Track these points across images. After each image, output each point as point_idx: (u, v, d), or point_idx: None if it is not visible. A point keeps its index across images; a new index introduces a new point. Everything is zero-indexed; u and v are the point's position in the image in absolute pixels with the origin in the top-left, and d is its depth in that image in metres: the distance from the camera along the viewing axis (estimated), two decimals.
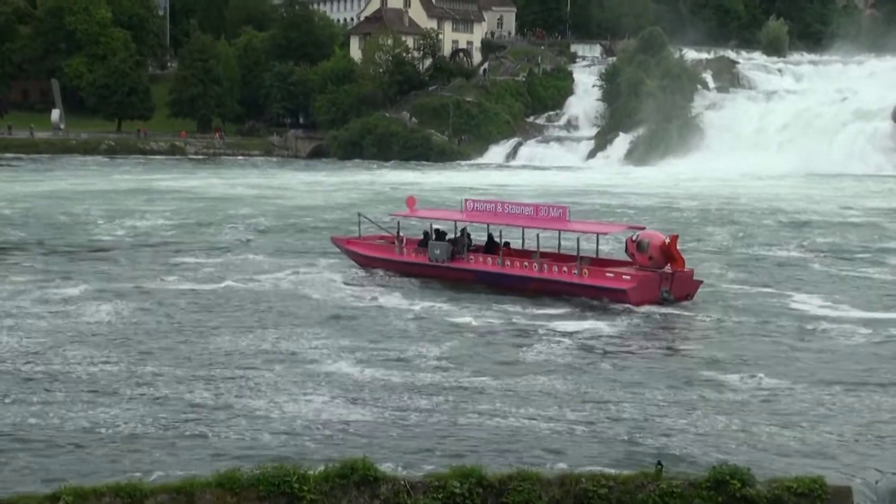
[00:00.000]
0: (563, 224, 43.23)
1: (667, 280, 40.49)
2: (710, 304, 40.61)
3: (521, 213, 44.60)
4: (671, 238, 41.04)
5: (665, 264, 40.77)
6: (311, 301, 39.71)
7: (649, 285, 40.29)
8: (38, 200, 77.13)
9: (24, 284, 41.92)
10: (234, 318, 36.36)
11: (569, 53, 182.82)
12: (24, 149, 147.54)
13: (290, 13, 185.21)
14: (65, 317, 35.86)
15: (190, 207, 74.45)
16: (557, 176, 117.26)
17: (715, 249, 56.07)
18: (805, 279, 46.66)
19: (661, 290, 40.29)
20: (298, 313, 37.29)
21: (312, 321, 35.84)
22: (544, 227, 43.73)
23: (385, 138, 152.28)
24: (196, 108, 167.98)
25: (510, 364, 30.52)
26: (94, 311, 36.66)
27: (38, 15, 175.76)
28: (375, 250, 47.18)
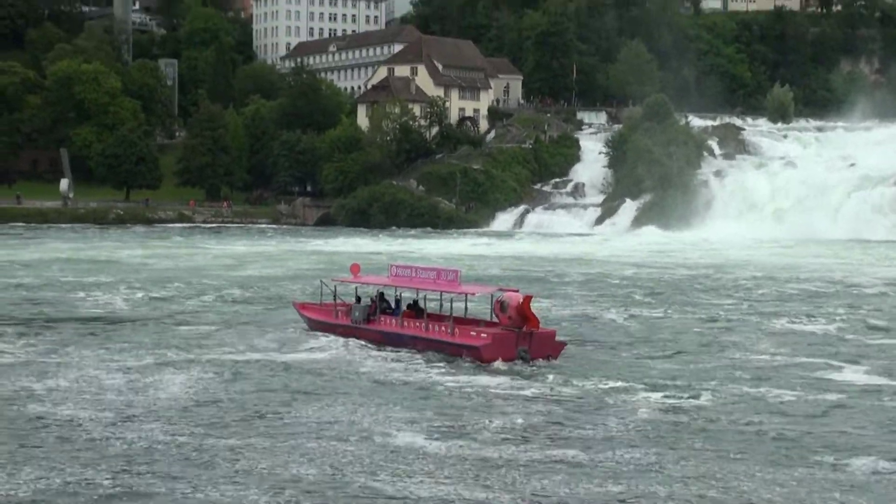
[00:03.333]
0: (454, 286, 45.03)
1: (525, 339, 41.42)
2: (571, 366, 41.23)
3: (426, 278, 46.76)
4: (525, 299, 41.81)
5: (523, 324, 41.55)
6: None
7: (505, 344, 41.31)
8: (45, 269, 77.25)
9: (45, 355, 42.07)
10: (286, 391, 36.48)
11: (575, 121, 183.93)
12: (33, 218, 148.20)
13: (298, 82, 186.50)
14: (138, 389, 35.73)
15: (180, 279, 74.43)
16: (549, 245, 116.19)
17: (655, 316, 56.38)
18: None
19: (517, 348, 41.26)
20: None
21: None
22: (440, 289, 45.59)
23: (392, 206, 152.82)
24: (204, 176, 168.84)
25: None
26: (158, 382, 36.62)
27: (47, 85, 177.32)
28: (319, 314, 49.83)
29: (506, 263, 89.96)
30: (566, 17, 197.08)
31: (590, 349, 45.72)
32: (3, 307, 56.56)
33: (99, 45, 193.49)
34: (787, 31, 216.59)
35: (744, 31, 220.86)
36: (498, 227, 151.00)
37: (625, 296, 65.93)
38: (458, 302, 46.41)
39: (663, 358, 43.82)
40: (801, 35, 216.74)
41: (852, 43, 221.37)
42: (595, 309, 58.94)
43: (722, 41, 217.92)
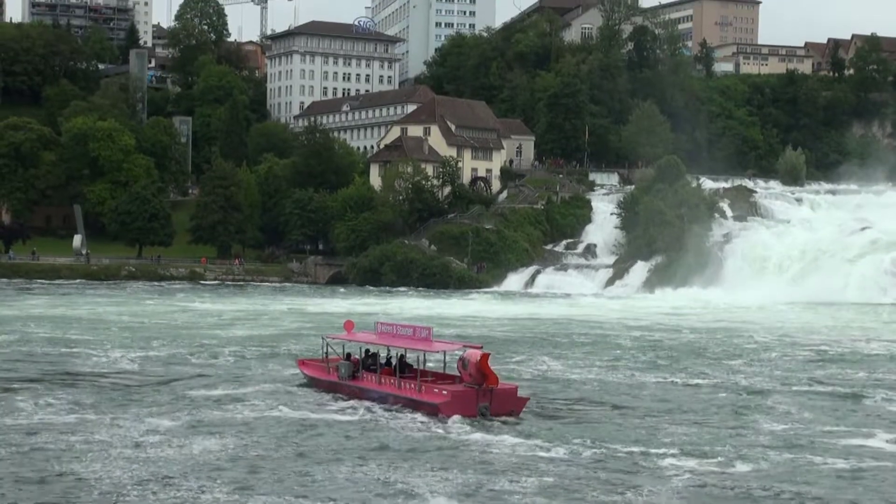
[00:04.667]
0: (427, 344, 46.20)
1: (485, 396, 42.40)
2: (534, 422, 41.99)
3: (405, 335, 47.66)
4: (482, 356, 42.54)
5: (482, 381, 42.47)
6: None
7: (465, 400, 42.34)
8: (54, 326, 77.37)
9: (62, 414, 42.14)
10: (307, 449, 36.95)
11: (587, 182, 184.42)
12: (47, 274, 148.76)
13: (311, 141, 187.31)
14: (169, 449, 35.92)
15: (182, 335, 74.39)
16: (559, 306, 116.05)
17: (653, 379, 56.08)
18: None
19: (478, 405, 42.30)
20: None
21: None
22: (413, 346, 46.46)
23: (404, 265, 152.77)
24: (216, 234, 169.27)
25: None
26: (187, 443, 36.83)
27: (62, 141, 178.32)
28: (314, 371, 51.21)
29: (514, 324, 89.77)
30: (579, 79, 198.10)
31: (564, 407, 46.27)
32: (13, 364, 56.62)
33: (114, 103, 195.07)
34: (798, 94, 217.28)
35: (756, 94, 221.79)
36: (509, 287, 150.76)
37: (629, 357, 65.67)
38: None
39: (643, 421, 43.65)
40: (813, 98, 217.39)
41: (864, 106, 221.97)
42: (594, 371, 58.83)
43: (734, 104, 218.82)
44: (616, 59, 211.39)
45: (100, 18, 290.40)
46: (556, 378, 55.72)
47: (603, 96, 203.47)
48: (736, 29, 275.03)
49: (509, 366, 59.45)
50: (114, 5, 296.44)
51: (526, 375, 55.98)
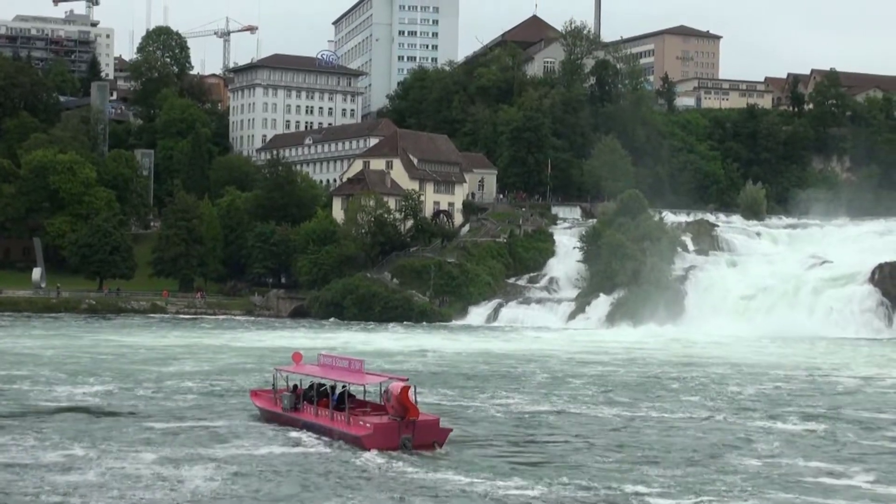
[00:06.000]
0: (358, 376, 47.18)
1: (408, 428, 43.06)
2: (457, 454, 42.89)
3: (341, 367, 48.87)
4: (403, 389, 43.20)
5: (404, 412, 43.09)
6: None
7: (387, 433, 43.18)
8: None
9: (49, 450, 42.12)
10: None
11: (549, 215, 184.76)
12: (5, 307, 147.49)
13: (273, 174, 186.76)
14: (166, 487, 36.24)
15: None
16: (518, 341, 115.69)
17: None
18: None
19: (400, 437, 43.03)
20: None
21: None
22: (346, 378, 47.36)
23: (366, 299, 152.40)
24: (178, 267, 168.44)
25: None
26: (175, 476, 37.59)
27: (21, 174, 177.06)
28: (263, 402, 52.17)
29: (472, 358, 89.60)
30: (541, 113, 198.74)
31: (496, 440, 47.20)
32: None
33: (75, 135, 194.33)
34: (759, 129, 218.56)
35: (717, 129, 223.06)
36: (471, 321, 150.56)
37: (585, 392, 65.64)
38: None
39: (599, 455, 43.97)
40: (773, 133, 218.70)
41: (824, 141, 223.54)
42: (545, 404, 59.10)
43: (695, 138, 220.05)
44: (578, 94, 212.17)
45: (61, 51, 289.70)
46: (503, 411, 55.98)
47: (565, 130, 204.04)
48: (697, 63, 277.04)
49: (456, 400, 59.81)
50: (75, 38, 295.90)
51: (472, 409, 56.42)
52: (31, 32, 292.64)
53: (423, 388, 61.13)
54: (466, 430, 49.08)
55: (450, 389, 64.95)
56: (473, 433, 48.85)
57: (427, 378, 70.12)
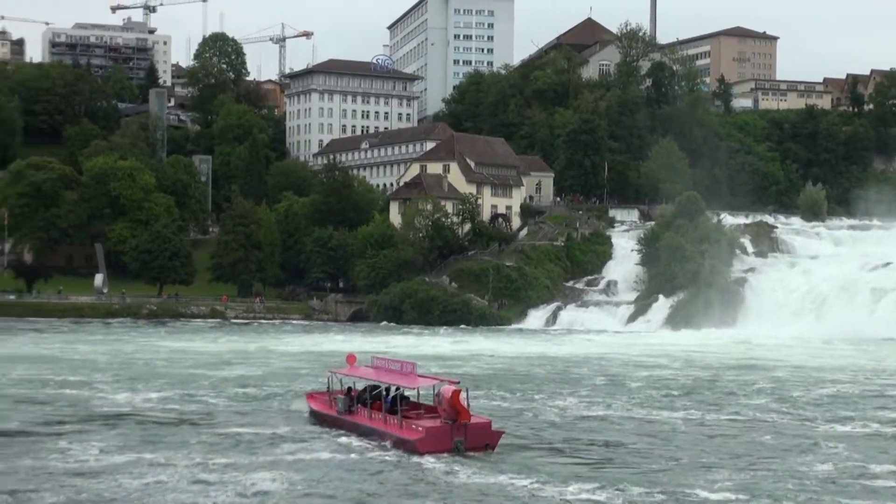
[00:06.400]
0: (410, 379, 47.47)
1: (460, 430, 43.27)
2: (509, 456, 42.82)
3: (394, 370, 49.17)
4: (454, 392, 43.35)
5: (456, 415, 43.32)
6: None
7: (440, 436, 43.32)
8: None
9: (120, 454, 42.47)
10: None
11: (607, 218, 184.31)
12: (69, 313, 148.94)
13: (330, 178, 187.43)
14: (233, 492, 36.57)
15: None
16: (578, 344, 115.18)
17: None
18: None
19: (453, 440, 43.19)
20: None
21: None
22: (397, 381, 47.62)
23: (425, 303, 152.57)
24: (237, 272, 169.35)
25: None
26: (241, 480, 37.82)
27: (83, 181, 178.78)
28: (319, 404, 52.58)
29: (529, 362, 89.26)
30: (597, 116, 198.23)
31: (552, 442, 46.99)
32: (40, 407, 56.53)
33: (134, 142, 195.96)
34: (818, 129, 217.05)
35: (775, 130, 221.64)
36: (530, 325, 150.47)
37: (646, 396, 65.04)
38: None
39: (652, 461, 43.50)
40: (833, 134, 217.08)
41: (885, 142, 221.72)
42: (603, 408, 58.70)
43: (753, 139, 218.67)
44: (634, 96, 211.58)
45: (120, 58, 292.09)
46: (559, 415, 55.78)
47: (622, 133, 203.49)
48: (754, 65, 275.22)
49: (512, 403, 59.85)
50: (133, 45, 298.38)
51: (527, 412, 56.27)
52: (91, 40, 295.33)
53: (478, 392, 61.25)
54: (521, 434, 49.01)
55: (506, 393, 64.81)
56: (528, 436, 48.77)
57: (483, 381, 70.05)
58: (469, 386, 47.71)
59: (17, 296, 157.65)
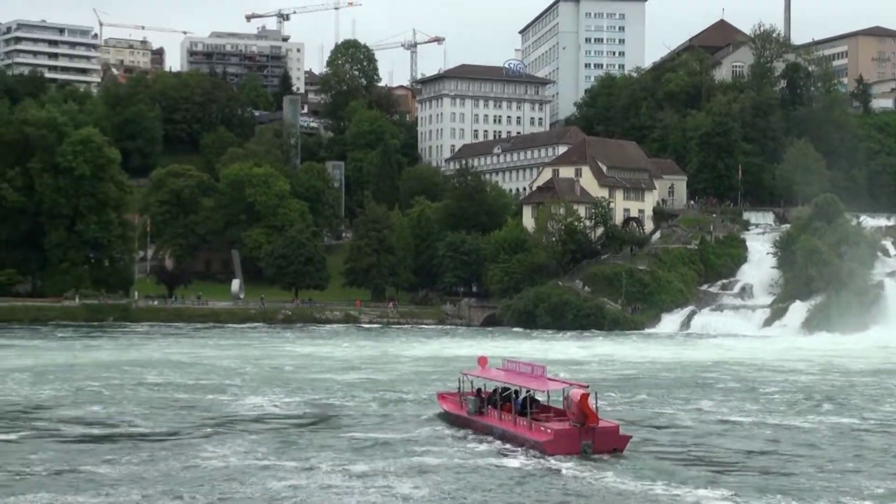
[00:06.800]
0: (540, 382, 47.60)
1: (588, 434, 43.33)
2: (638, 460, 42.54)
3: (525, 373, 49.37)
4: (582, 395, 43.35)
5: (584, 419, 43.33)
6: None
7: (568, 439, 43.40)
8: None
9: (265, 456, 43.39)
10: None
11: (741, 221, 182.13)
12: (206, 318, 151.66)
13: (463, 183, 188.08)
14: (376, 495, 37.06)
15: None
16: (712, 349, 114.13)
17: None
18: None
19: (581, 443, 43.26)
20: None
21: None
22: (528, 384, 47.87)
23: (558, 307, 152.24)
24: (370, 277, 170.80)
25: None
26: (388, 487, 37.98)
27: (220, 187, 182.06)
28: (450, 405, 53.45)
29: (661, 367, 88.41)
30: (731, 118, 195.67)
31: (677, 448, 46.77)
32: (178, 412, 57.62)
33: (269, 149, 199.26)
34: None
35: None
36: (664, 329, 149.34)
37: (781, 402, 63.74)
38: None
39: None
40: None
41: None
42: (735, 415, 57.74)
43: (894, 140, 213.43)
44: (769, 97, 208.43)
45: (254, 66, 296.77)
46: (690, 420, 55.33)
47: (756, 135, 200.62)
48: (894, 64, 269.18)
49: (646, 407, 59.67)
50: (268, 53, 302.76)
51: (659, 417, 55.98)
52: (226, 49, 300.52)
53: (609, 396, 61.02)
54: (654, 438, 48.78)
55: (637, 397, 64.51)
56: (658, 440, 48.51)
57: (614, 386, 69.70)
58: (600, 390, 47.58)
59: (158, 301, 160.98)
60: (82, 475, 39.01)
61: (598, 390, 47.26)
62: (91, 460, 41.80)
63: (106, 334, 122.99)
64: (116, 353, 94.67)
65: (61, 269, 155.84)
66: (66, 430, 49.42)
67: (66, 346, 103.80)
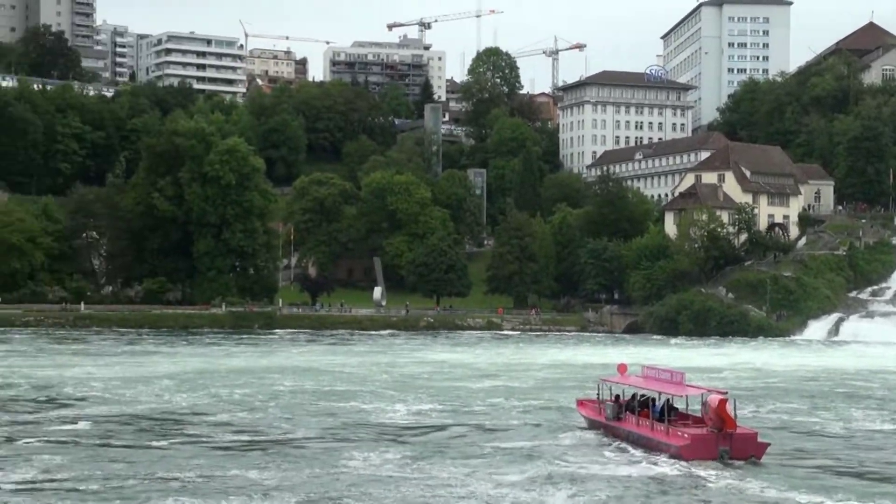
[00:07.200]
0: (678, 388, 47.32)
1: (726, 440, 43.05)
2: (776, 468, 41.72)
3: (663, 379, 49.15)
4: (720, 401, 42.97)
5: (721, 425, 43.02)
6: None
7: (705, 444, 43.23)
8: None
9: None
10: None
11: (892, 226, 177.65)
12: (349, 325, 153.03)
13: (604, 190, 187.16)
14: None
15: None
16: (861, 357, 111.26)
17: None
18: None
19: (718, 449, 43.01)
20: None
21: None
22: (666, 390, 47.56)
23: (701, 314, 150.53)
24: (512, 284, 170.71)
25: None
26: (542, 499, 37.70)
27: (362, 196, 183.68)
28: (589, 411, 53.75)
29: (806, 375, 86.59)
30: (880, 122, 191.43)
31: (815, 457, 45.94)
32: (322, 417, 57.95)
33: (410, 157, 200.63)
34: None
35: None
36: (811, 336, 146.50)
37: None
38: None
39: None
40: None
41: None
42: (884, 424, 56.32)
43: None
44: None
45: (396, 75, 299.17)
46: (835, 429, 54.09)
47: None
48: None
49: (792, 416, 58.56)
50: (409, 61, 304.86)
51: (802, 425, 54.94)
52: (368, 58, 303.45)
53: (751, 403, 59.98)
54: (796, 447, 47.91)
55: (780, 405, 63.34)
56: (804, 449, 47.64)
57: (757, 394, 68.49)
58: (741, 398, 46.76)
59: (302, 309, 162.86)
60: (232, 481, 39.35)
61: (738, 397, 46.48)
62: (240, 466, 42.16)
63: (250, 341, 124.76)
64: (256, 360, 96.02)
65: (209, 277, 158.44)
66: (213, 436, 49.96)
67: (210, 352, 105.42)
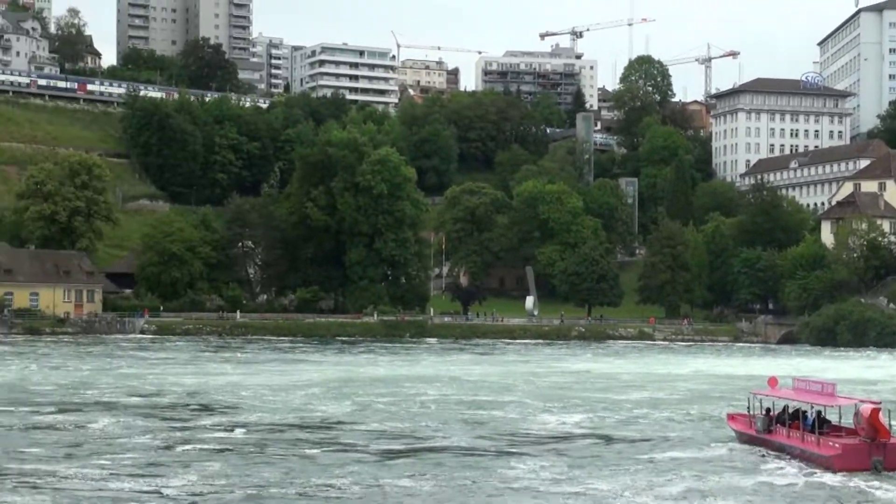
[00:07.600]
0: (830, 399, 46.74)
1: (879, 450, 42.08)
2: None
3: (814, 391, 48.60)
4: (873, 410, 42.34)
5: (874, 434, 42.16)
6: None
7: (857, 454, 42.34)
8: None
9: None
10: None
11: None
12: (500, 334, 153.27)
13: (759, 199, 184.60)
14: None
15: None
16: None
17: None
18: None
19: (871, 459, 42.03)
20: None
21: None
22: (817, 401, 46.97)
23: (860, 325, 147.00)
24: (664, 294, 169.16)
25: None
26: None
27: (513, 205, 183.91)
28: (739, 425, 52.87)
29: None
30: None
31: None
32: (460, 425, 58.08)
33: (562, 166, 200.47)
34: None
35: None
36: None
37: None
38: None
39: None
40: None
41: None
42: None
43: None
44: None
45: (548, 84, 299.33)
46: None
47: None
48: None
49: None
50: (561, 70, 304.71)
51: None
52: (520, 67, 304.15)
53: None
54: None
55: None
56: None
57: None
58: (888, 407, 45.42)
59: (453, 318, 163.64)
60: (386, 490, 39.59)
61: (892, 409, 45.31)
62: (394, 474, 42.38)
63: (400, 350, 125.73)
64: (397, 369, 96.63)
65: (361, 286, 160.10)
66: (366, 444, 50.26)
67: (356, 361, 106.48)
